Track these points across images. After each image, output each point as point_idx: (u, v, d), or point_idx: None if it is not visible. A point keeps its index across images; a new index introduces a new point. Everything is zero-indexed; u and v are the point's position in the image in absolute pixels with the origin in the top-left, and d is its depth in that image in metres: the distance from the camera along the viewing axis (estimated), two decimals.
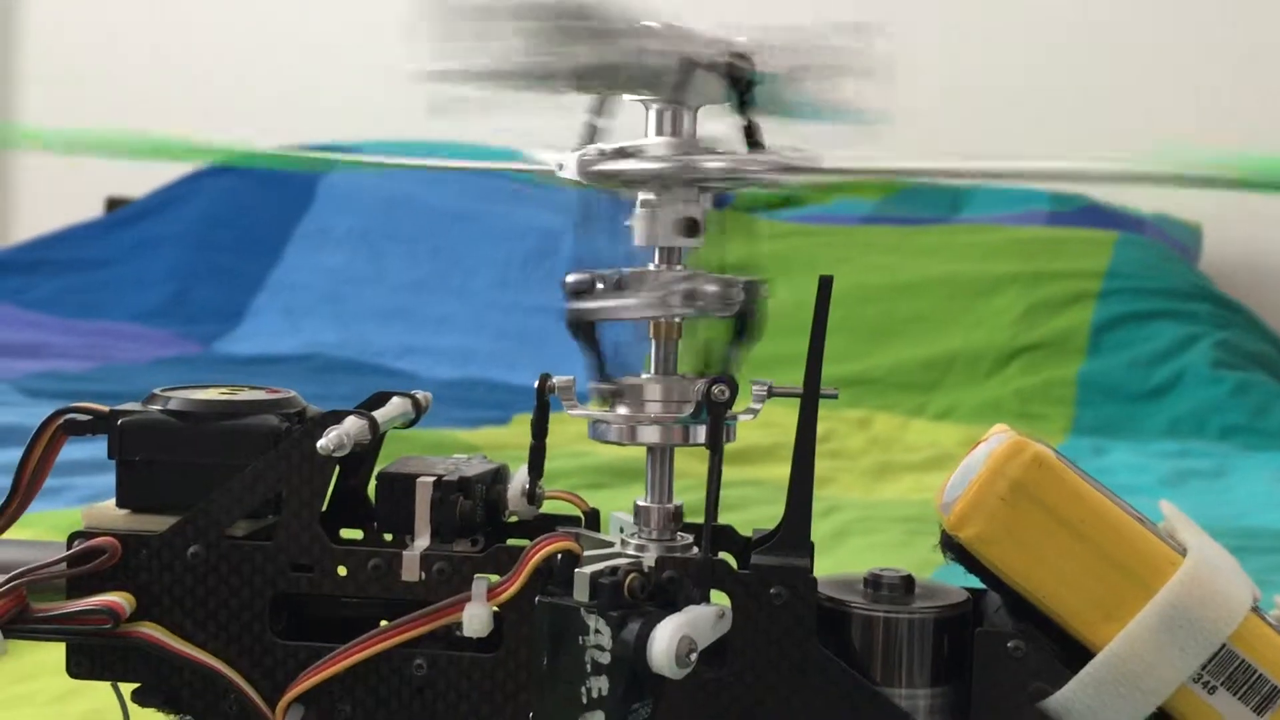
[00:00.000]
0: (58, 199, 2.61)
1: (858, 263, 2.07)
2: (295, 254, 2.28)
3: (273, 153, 0.85)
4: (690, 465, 0.57)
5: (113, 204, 2.59)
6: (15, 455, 1.31)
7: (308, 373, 1.93)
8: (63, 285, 2.29)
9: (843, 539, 1.19)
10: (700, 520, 0.52)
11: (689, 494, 0.62)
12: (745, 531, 0.58)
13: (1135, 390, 1.83)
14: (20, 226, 2.73)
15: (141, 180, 2.45)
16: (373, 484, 0.56)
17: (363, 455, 0.57)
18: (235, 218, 2.36)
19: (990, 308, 1.96)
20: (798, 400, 0.52)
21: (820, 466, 1.45)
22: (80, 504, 1.10)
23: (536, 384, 0.54)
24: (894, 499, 1.38)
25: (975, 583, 0.53)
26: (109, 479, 0.55)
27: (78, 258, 2.35)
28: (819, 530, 1.17)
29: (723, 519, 1.17)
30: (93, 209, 2.56)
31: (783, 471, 0.53)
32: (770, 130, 0.52)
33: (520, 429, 1.58)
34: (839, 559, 1.10)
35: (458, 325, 2.11)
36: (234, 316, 2.21)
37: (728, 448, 0.52)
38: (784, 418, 0.52)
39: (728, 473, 1.33)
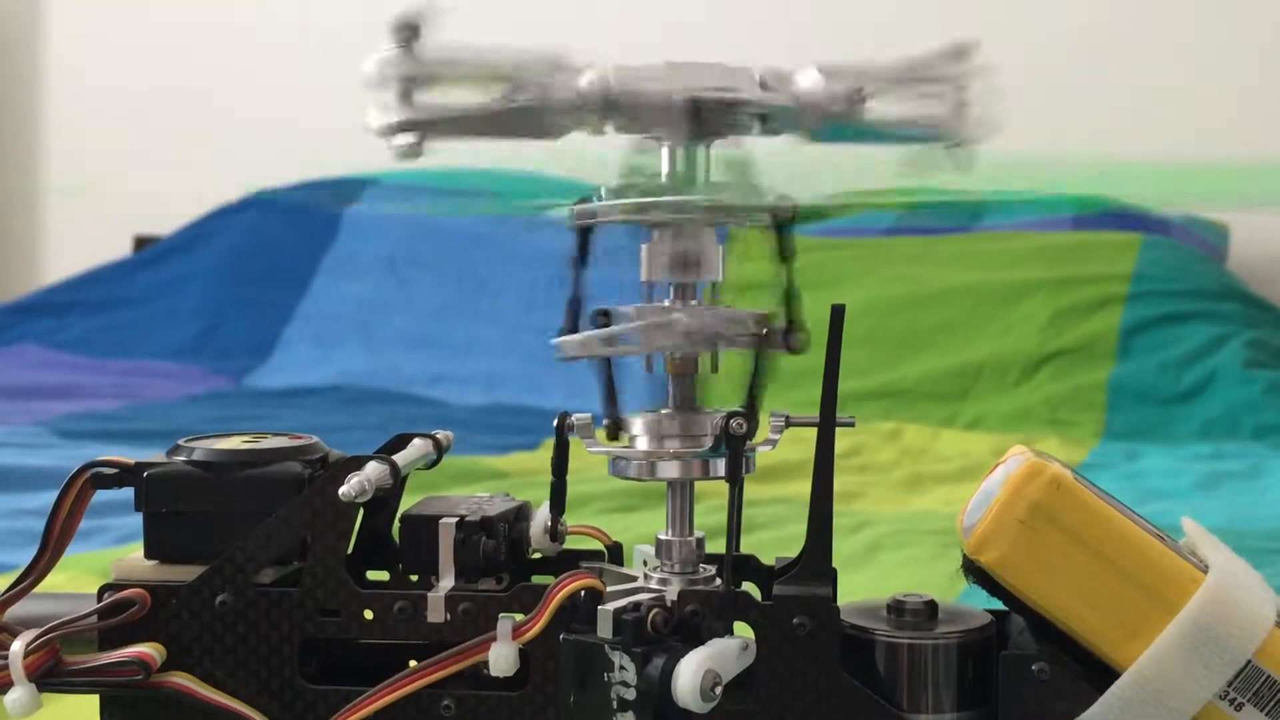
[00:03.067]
0: (86, 240, 2.64)
1: (883, 274, 2.07)
2: (323, 284, 2.30)
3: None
4: (715, 485, 0.57)
5: (140, 243, 2.61)
6: (52, 499, 1.30)
7: (338, 403, 1.94)
8: (93, 325, 2.31)
9: (875, 554, 1.19)
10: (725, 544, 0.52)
11: (714, 515, 0.63)
12: (775, 550, 0.58)
13: (1167, 393, 1.82)
14: (50, 269, 2.75)
15: (168, 218, 2.47)
16: (397, 525, 0.56)
17: (386, 497, 0.57)
18: (262, 251, 2.37)
19: (1017, 315, 1.96)
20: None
21: (851, 481, 1.46)
22: (114, 545, 1.10)
23: (555, 422, 0.54)
24: (926, 511, 1.38)
25: (999, 604, 0.53)
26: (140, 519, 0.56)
27: (107, 297, 2.37)
28: (851, 546, 1.17)
29: (754, 537, 1.17)
30: (121, 249, 2.59)
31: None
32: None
33: (550, 453, 1.59)
34: (871, 575, 1.09)
35: (486, 349, 2.12)
36: (264, 349, 2.22)
37: (757, 465, 0.53)
38: (813, 432, 0.53)
39: (758, 491, 1.32)
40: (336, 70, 2.65)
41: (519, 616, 0.52)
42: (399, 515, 0.56)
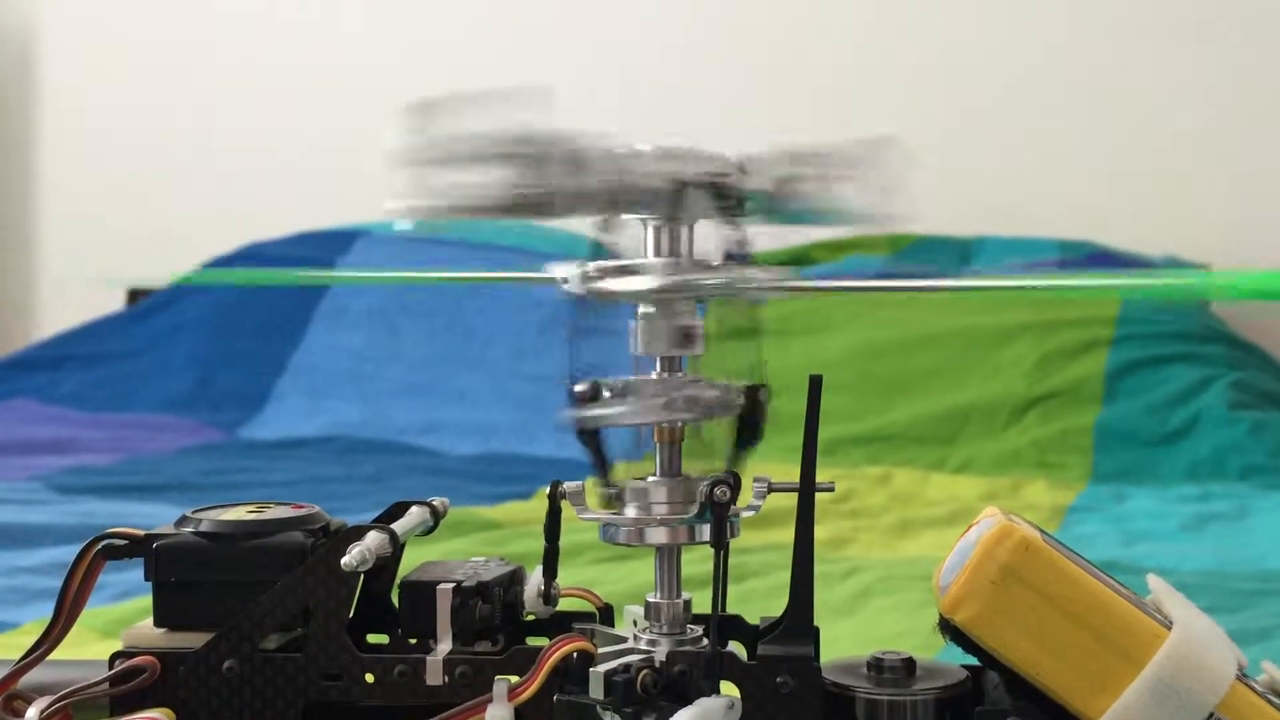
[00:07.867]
0: (79, 294, 2.65)
1: (870, 319, 2.08)
2: (315, 335, 2.31)
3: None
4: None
5: (134, 295, 2.63)
6: (50, 556, 1.31)
7: (332, 455, 1.95)
8: (87, 379, 2.32)
9: (865, 600, 1.20)
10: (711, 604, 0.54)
11: (703, 564, 0.65)
12: (766, 598, 0.61)
13: (1153, 435, 1.84)
14: (43, 323, 2.77)
15: (161, 271, 2.49)
16: (396, 589, 0.59)
17: (385, 563, 0.60)
18: (255, 303, 2.38)
19: (1004, 358, 1.98)
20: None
21: (841, 526, 1.48)
22: (113, 601, 1.12)
23: (549, 491, 0.57)
24: (916, 556, 1.39)
25: (975, 660, 0.55)
26: (137, 572, 0.58)
27: (101, 351, 2.38)
28: (841, 593, 1.18)
29: (745, 585, 1.18)
30: (114, 302, 2.60)
31: None
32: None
33: (543, 502, 1.59)
34: (861, 621, 1.10)
35: (478, 398, 2.13)
36: (257, 401, 2.23)
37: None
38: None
39: (749, 538, 1.34)
40: (328, 124, 2.69)
41: (514, 678, 0.54)
42: (398, 581, 0.58)
